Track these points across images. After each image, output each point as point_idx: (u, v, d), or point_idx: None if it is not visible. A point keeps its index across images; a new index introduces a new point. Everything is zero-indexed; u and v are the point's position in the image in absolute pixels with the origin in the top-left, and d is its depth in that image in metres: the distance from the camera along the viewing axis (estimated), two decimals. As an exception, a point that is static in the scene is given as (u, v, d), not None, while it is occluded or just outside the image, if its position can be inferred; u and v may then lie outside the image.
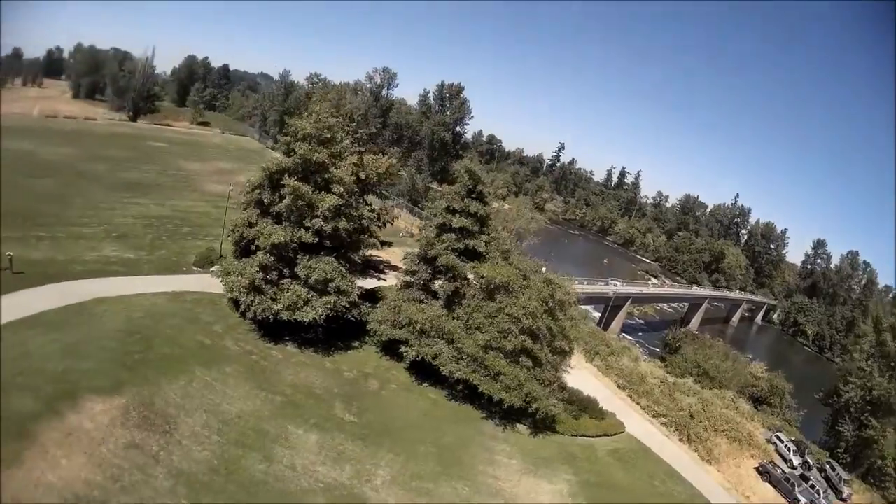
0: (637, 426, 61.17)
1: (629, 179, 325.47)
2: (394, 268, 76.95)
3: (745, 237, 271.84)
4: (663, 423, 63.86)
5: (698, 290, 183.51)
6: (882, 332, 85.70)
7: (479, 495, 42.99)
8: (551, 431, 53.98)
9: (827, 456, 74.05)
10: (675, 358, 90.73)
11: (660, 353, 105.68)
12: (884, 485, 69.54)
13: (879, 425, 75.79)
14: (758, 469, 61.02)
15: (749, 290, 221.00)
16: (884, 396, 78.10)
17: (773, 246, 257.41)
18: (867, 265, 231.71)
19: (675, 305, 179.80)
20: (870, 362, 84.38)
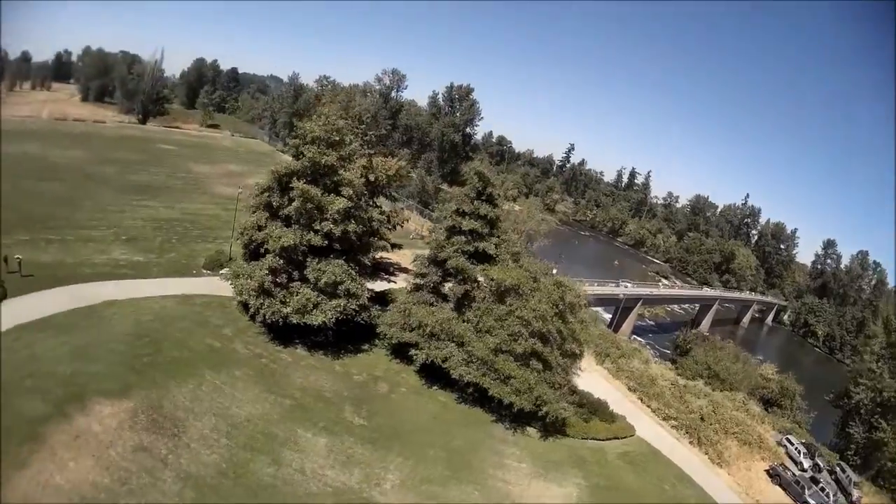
0: (647, 429, 60.87)
1: (639, 180, 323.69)
2: (404, 270, 76.60)
3: (755, 237, 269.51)
4: (674, 426, 63.50)
5: (709, 291, 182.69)
6: (892, 334, 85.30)
7: (488, 499, 42.81)
8: (561, 435, 53.71)
9: (837, 458, 73.54)
10: (686, 360, 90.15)
11: (670, 354, 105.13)
12: (894, 487, 68.99)
13: (889, 427, 75.25)
14: (768, 472, 60.60)
15: (759, 291, 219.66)
16: (894, 398, 77.61)
17: (783, 246, 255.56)
18: (877, 265, 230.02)
19: (686, 307, 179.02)
20: (880, 364, 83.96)
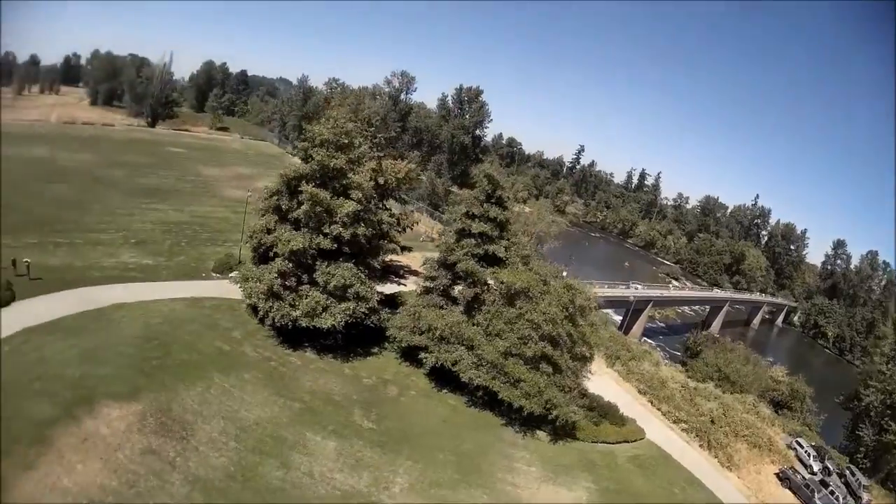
0: (657, 432, 60.56)
1: (649, 181, 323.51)
2: (414, 272, 76.67)
3: (765, 238, 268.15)
4: (684, 429, 63.21)
5: (719, 292, 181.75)
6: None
7: (497, 503, 42.65)
8: (571, 438, 53.50)
9: (847, 461, 73.03)
10: (697, 362, 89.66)
11: (681, 357, 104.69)
12: (903, 490, 68.40)
13: (899, 430, 74.51)
14: (778, 475, 60.34)
15: (770, 292, 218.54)
16: (904, 400, 76.93)
17: (793, 247, 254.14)
18: (886, 265, 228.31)
19: (697, 308, 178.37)
20: (890, 365, 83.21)
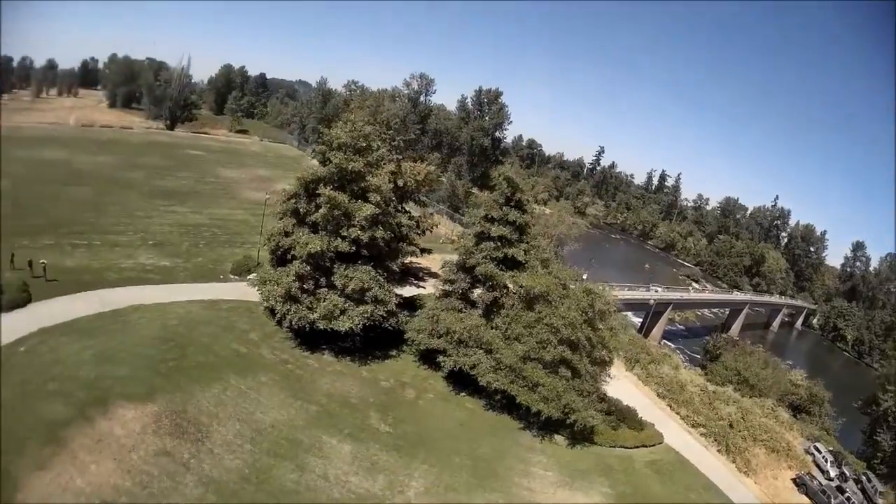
0: (676, 437, 59.98)
1: (669, 182, 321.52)
2: (433, 275, 76.28)
3: (784, 240, 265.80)
4: (702, 434, 62.60)
5: (739, 295, 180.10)
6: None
7: (512, 509, 42.48)
8: (589, 443, 53.11)
9: (864, 467, 72.01)
10: (716, 365, 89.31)
11: (700, 360, 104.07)
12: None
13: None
14: (795, 481, 59.65)
15: (789, 295, 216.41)
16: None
17: (812, 249, 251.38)
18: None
19: (716, 311, 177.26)
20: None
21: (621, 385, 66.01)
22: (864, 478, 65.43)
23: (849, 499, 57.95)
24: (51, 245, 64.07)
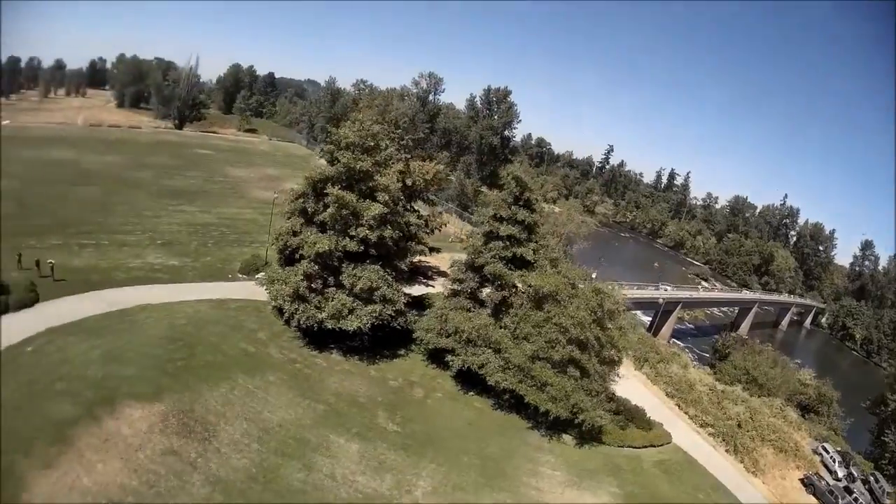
0: (684, 436, 59.83)
1: (678, 181, 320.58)
2: (442, 274, 76.04)
3: (793, 238, 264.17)
4: (711, 434, 62.45)
5: (748, 293, 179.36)
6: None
7: (520, 508, 42.37)
8: (597, 442, 53.01)
9: (871, 467, 71.62)
10: (725, 364, 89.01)
11: (709, 359, 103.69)
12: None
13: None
14: (802, 481, 59.55)
15: (798, 294, 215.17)
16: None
17: (821, 247, 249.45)
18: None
19: (725, 309, 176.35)
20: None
21: (630, 384, 65.79)
22: (871, 478, 65.20)
23: (857, 499, 57.87)
24: (59, 245, 64.34)
